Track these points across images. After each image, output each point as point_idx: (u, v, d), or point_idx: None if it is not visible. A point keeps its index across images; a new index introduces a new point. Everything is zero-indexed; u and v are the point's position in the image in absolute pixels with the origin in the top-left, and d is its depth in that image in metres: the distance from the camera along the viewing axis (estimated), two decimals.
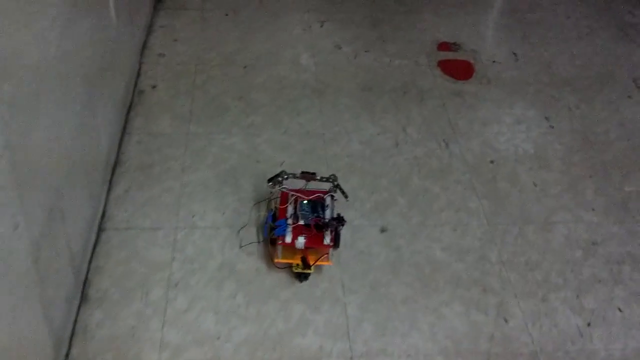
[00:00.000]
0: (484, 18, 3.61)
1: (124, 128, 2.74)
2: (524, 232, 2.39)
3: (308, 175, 2.24)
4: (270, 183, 2.25)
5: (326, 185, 2.27)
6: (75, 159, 2.03)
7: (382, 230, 2.37)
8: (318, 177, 2.25)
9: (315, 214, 2.18)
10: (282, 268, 2.20)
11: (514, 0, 3.77)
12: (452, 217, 2.43)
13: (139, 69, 3.09)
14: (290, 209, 2.20)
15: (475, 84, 3.12)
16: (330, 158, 2.66)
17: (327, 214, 2.19)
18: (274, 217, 2.20)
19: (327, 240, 2.12)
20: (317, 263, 2.13)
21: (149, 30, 3.36)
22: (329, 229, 2.13)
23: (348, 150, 2.70)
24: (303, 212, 2.18)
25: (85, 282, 2.13)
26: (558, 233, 2.40)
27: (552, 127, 2.88)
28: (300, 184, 2.28)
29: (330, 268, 2.22)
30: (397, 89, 3.06)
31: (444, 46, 3.36)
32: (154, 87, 3.00)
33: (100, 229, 2.30)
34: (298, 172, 2.26)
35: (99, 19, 2.33)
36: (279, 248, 2.15)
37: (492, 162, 2.69)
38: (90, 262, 2.18)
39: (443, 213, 2.45)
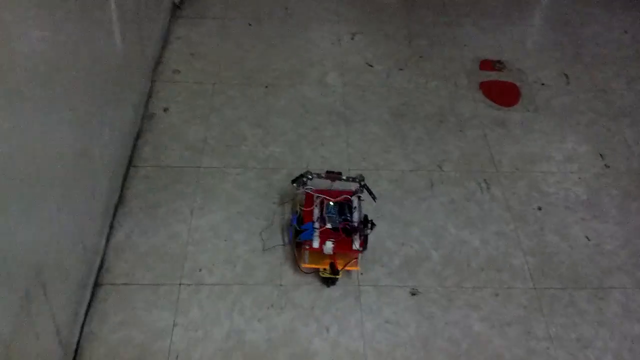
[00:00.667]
0: (531, 31, 3.27)
1: (130, 159, 2.49)
2: (575, 299, 2.09)
3: (333, 175, 2.15)
4: (295, 184, 2.17)
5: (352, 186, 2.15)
6: (69, 209, 1.78)
7: (413, 293, 2.09)
8: (344, 177, 2.15)
9: (343, 217, 2.08)
10: (308, 273, 2.10)
11: (565, 12, 3.42)
12: (493, 277, 2.14)
13: (151, 88, 2.84)
14: (316, 212, 2.10)
15: (521, 111, 2.80)
16: None
17: (355, 217, 2.09)
18: (299, 220, 2.09)
19: (356, 245, 2.03)
20: (346, 268, 2.05)
21: (165, 42, 3.10)
22: (358, 233, 2.02)
23: (376, 191, 2.41)
24: (330, 215, 2.09)
25: (77, 352, 1.89)
26: (614, 301, 2.10)
27: (608, 167, 2.55)
28: (325, 184, 2.16)
29: (353, 340, 1.95)
30: (433, 115, 2.76)
31: (486, 65, 3.03)
32: (166, 109, 2.75)
33: (97, 284, 2.06)
34: (323, 171, 2.17)
35: (100, 43, 2.08)
36: (306, 253, 2.06)
37: (539, 208, 2.38)
38: (83, 325, 1.94)
39: (483, 273, 2.16)
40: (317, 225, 2.05)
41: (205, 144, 2.59)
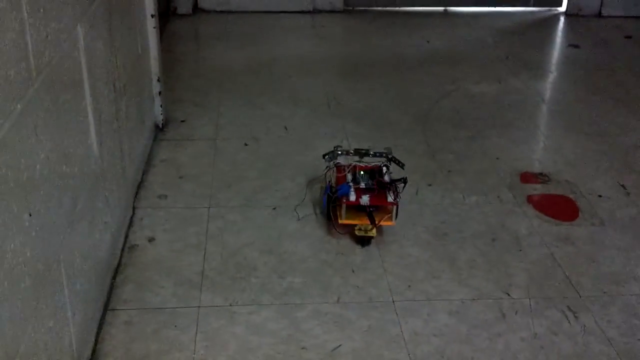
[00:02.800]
0: (566, 142, 2.88)
1: (107, 302, 1.90)
2: None
3: (362, 151, 2.30)
4: (326, 157, 2.29)
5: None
6: None
7: None
8: (372, 152, 2.29)
9: (374, 179, 2.20)
10: (343, 234, 2.16)
11: (597, 121, 3.07)
12: None
13: (132, 216, 2.30)
14: (349, 176, 2.21)
15: (585, 225, 2.32)
16: (410, 340, 1.80)
17: (386, 178, 2.20)
18: (332, 189, 2.19)
19: (391, 198, 2.13)
20: (382, 223, 2.14)
21: (147, 165, 2.60)
22: (391, 188, 2.15)
23: (434, 326, 1.85)
24: (362, 178, 2.21)
25: None
26: None
27: None
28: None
29: None
30: (482, 234, 2.25)
31: (528, 177, 2.59)
32: (151, 240, 2.19)
33: None
34: (351, 148, 2.34)
35: (73, 147, 1.56)
36: (343, 207, 2.14)
37: None
38: None
39: None
40: (351, 184, 2.16)
41: (203, 277, 2.02)
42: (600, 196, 2.49)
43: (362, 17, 4.36)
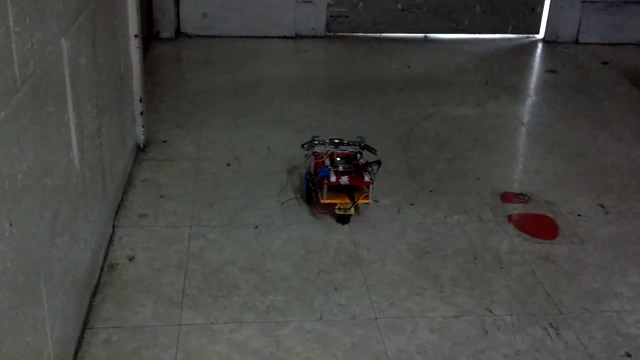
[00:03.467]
0: (545, 163, 2.91)
1: (86, 320, 1.87)
2: None
3: (336, 141, 2.47)
4: (305, 146, 2.48)
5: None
6: None
7: None
8: (346, 141, 2.48)
9: (350, 164, 2.39)
10: (324, 213, 2.34)
11: (576, 144, 3.11)
12: None
13: (112, 235, 2.28)
14: (327, 162, 2.38)
15: (565, 244, 2.34)
16: (393, 357, 1.79)
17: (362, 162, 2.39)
18: (311, 174, 2.40)
19: (367, 178, 2.33)
20: (360, 201, 2.34)
21: (128, 185, 2.59)
22: (367, 169, 2.35)
23: (417, 343, 1.85)
24: (339, 163, 2.39)
25: None
26: None
27: None
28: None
29: None
30: (464, 252, 2.26)
31: (508, 197, 2.61)
32: (131, 259, 2.17)
33: None
34: (327, 138, 2.49)
35: (57, 162, 1.55)
36: (325, 188, 2.32)
37: (628, 355, 1.84)
38: None
39: None
40: (330, 167, 2.35)
41: (184, 295, 2.00)
42: (579, 215, 2.51)
43: (343, 43, 4.41)
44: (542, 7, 4.57)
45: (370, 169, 2.36)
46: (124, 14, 2.51)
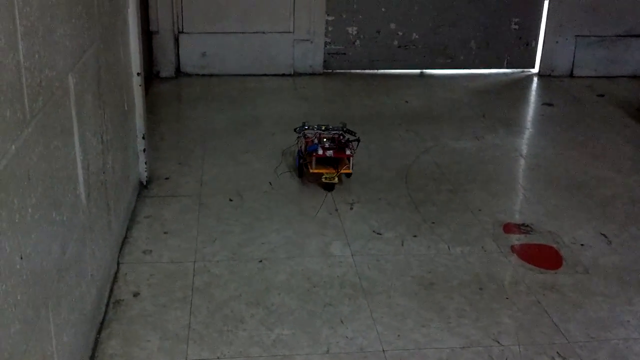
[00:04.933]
0: (546, 194, 2.93)
1: (92, 356, 1.86)
2: None
3: (323, 126, 2.94)
4: (297, 129, 2.96)
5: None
6: None
7: None
8: (331, 126, 2.94)
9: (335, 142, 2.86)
10: (312, 182, 2.87)
11: (575, 175, 3.13)
12: None
13: (117, 271, 2.28)
14: (315, 141, 2.84)
15: (570, 274, 2.34)
16: None
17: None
18: (302, 152, 2.87)
19: (348, 152, 2.81)
20: (342, 171, 2.83)
21: (132, 221, 2.59)
22: (349, 145, 2.83)
23: None
24: (326, 142, 2.85)
25: None
26: None
27: None
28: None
29: None
30: (469, 283, 2.26)
31: (511, 228, 2.62)
32: (136, 295, 2.17)
33: None
34: (315, 124, 2.97)
35: (64, 196, 1.56)
36: (313, 160, 2.79)
37: None
38: None
39: None
40: (318, 143, 2.81)
41: (190, 331, 2.00)
42: (582, 245, 2.52)
43: (341, 79, 4.46)
44: (537, 42, 4.64)
45: (351, 144, 2.83)
46: (126, 52, 2.55)
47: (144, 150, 2.82)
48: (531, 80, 4.58)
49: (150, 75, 4.21)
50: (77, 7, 1.73)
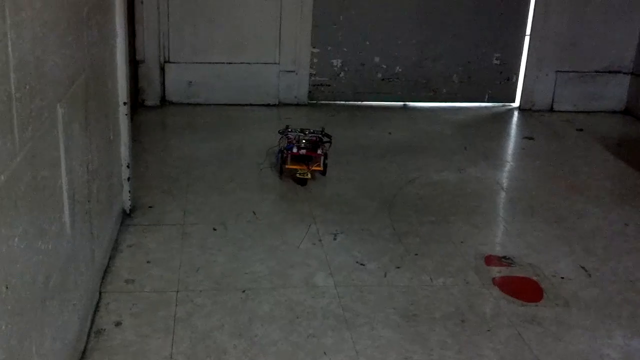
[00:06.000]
0: (527, 227, 2.96)
1: None
2: None
3: (305, 130, 3.33)
4: (280, 131, 3.36)
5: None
6: None
7: None
8: (312, 130, 3.34)
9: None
10: (288, 176, 3.26)
11: (555, 208, 3.17)
12: None
13: (99, 301, 2.27)
14: (295, 142, 3.23)
15: (550, 306, 2.37)
16: None
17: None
18: (282, 150, 3.23)
19: (320, 151, 3.21)
20: (313, 168, 3.21)
21: (114, 250, 2.59)
22: (321, 146, 3.24)
23: None
24: (303, 143, 3.24)
25: None
26: None
27: None
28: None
29: None
30: (451, 315, 2.28)
31: (492, 260, 2.65)
32: (118, 324, 2.16)
33: None
34: (298, 128, 3.36)
35: (50, 225, 1.56)
36: (289, 157, 3.19)
37: None
38: None
39: None
40: (294, 144, 3.22)
41: None
42: (562, 278, 2.55)
43: (325, 110, 4.50)
44: (517, 77, 4.73)
45: (323, 146, 3.25)
46: (113, 81, 2.57)
47: (129, 178, 2.82)
48: (512, 114, 4.66)
49: (136, 104, 4.22)
50: (67, 38, 1.75)
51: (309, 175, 3.18)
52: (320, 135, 3.31)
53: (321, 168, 3.24)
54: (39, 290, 1.48)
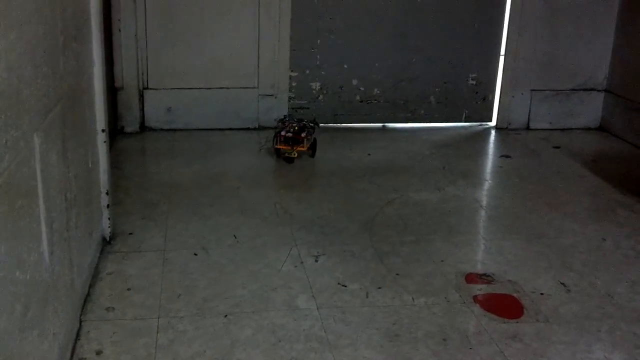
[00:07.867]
0: (506, 245, 2.99)
1: None
2: None
3: (303, 121, 3.99)
4: (279, 119, 4.15)
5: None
6: None
7: None
8: (305, 121, 3.98)
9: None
10: (279, 156, 3.91)
11: (537, 226, 3.21)
12: None
13: (79, 329, 2.25)
14: (287, 127, 3.87)
15: (531, 322, 2.38)
16: None
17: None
18: (276, 135, 3.86)
19: (303, 134, 3.83)
20: (298, 148, 3.82)
21: (94, 278, 2.58)
22: (305, 130, 3.89)
23: None
24: (293, 128, 3.88)
25: None
26: None
27: None
28: None
29: None
30: (433, 334, 2.29)
31: (473, 278, 2.67)
32: (99, 353, 2.15)
33: None
34: (295, 118, 4.07)
35: (28, 255, 1.56)
36: (279, 139, 3.85)
37: None
38: None
39: None
40: (285, 129, 3.84)
41: None
42: (542, 294, 2.58)
43: None
44: (494, 96, 4.79)
45: (307, 130, 3.88)
46: (91, 109, 2.57)
47: (108, 206, 2.81)
48: (489, 133, 4.71)
49: (115, 130, 4.22)
50: (43, 68, 1.76)
51: (296, 154, 3.83)
52: (305, 122, 3.93)
53: (304, 149, 3.83)
54: (17, 321, 1.47)
